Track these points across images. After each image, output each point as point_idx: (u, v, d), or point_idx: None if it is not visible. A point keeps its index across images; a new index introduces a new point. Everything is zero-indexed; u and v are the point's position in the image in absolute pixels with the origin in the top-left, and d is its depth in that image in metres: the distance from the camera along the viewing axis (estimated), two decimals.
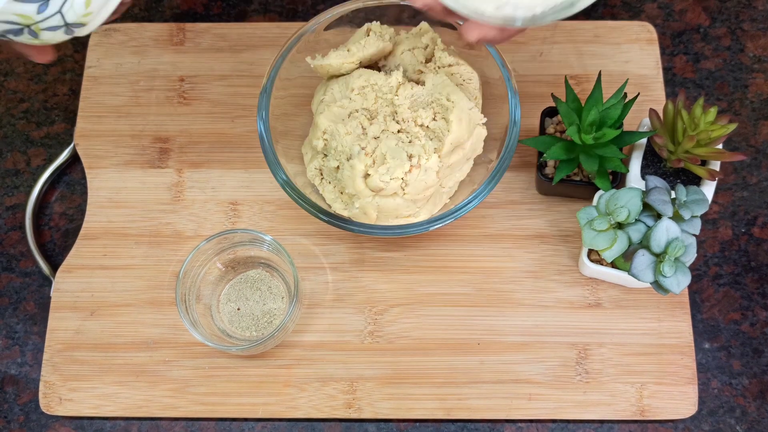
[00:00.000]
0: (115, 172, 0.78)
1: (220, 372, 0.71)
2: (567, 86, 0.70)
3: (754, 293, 0.74)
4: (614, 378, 0.70)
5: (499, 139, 0.70)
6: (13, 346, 0.74)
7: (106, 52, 0.82)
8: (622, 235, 0.64)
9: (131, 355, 0.72)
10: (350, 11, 0.71)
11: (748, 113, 0.80)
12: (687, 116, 0.67)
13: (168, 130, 0.79)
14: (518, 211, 0.76)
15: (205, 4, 0.86)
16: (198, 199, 0.77)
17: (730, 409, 0.71)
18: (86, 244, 0.75)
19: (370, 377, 0.71)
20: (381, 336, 0.72)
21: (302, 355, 0.72)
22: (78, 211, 0.78)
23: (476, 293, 0.73)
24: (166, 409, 0.70)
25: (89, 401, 0.71)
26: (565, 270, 0.74)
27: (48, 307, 0.74)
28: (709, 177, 0.68)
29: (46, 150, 0.81)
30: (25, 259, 0.77)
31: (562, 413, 0.70)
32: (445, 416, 0.70)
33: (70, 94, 0.83)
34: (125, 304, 0.73)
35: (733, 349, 0.73)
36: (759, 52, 0.82)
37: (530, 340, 0.72)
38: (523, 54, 0.81)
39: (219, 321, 0.72)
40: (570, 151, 0.69)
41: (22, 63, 0.84)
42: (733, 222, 0.76)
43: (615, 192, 0.65)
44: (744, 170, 0.78)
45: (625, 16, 0.84)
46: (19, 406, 0.72)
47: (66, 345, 0.72)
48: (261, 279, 0.73)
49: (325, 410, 0.70)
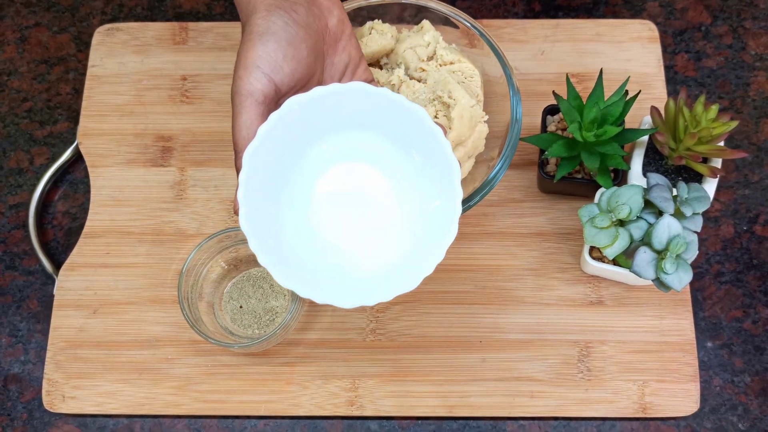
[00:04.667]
0: (117, 171, 0.78)
1: (223, 370, 0.71)
2: (568, 84, 0.70)
3: (756, 291, 0.74)
4: (616, 375, 0.70)
5: (501, 136, 0.70)
6: (17, 344, 0.74)
7: (108, 52, 0.82)
8: (624, 232, 0.64)
9: (134, 352, 0.72)
10: (352, 9, 0.71)
11: (749, 111, 0.80)
12: (688, 113, 0.67)
13: (171, 129, 0.79)
14: (520, 208, 0.76)
15: (207, 3, 0.86)
16: (200, 197, 0.77)
17: (732, 407, 0.71)
18: (89, 243, 0.76)
19: (373, 375, 0.71)
20: (383, 333, 0.72)
21: (304, 352, 0.72)
22: (81, 210, 0.79)
23: (478, 291, 0.73)
24: (169, 406, 0.71)
25: (92, 399, 0.71)
26: (566, 267, 0.74)
27: (51, 305, 0.74)
28: (710, 174, 0.68)
29: (50, 149, 0.81)
30: (29, 257, 0.77)
31: (564, 411, 0.70)
32: (447, 414, 0.70)
33: (73, 93, 0.83)
34: (128, 302, 0.74)
35: (735, 347, 0.73)
36: (761, 50, 0.82)
37: (532, 337, 0.72)
38: (525, 52, 0.81)
39: (221, 319, 0.72)
40: (571, 148, 0.69)
41: (25, 62, 0.84)
42: (734, 220, 0.76)
43: (616, 189, 0.65)
44: (746, 168, 0.78)
45: (626, 14, 0.84)
46: (22, 404, 0.72)
47: (69, 343, 0.73)
48: (263, 277, 0.73)
49: (328, 408, 0.70)
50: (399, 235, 0.56)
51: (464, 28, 0.71)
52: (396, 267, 0.55)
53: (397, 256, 0.55)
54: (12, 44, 0.85)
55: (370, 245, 0.56)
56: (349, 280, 0.55)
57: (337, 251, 0.56)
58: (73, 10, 0.86)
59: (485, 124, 0.69)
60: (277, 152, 0.53)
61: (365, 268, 0.55)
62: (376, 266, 0.55)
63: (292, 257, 0.54)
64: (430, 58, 0.72)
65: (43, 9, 0.86)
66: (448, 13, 0.71)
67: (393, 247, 0.56)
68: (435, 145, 0.53)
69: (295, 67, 0.54)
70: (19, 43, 0.85)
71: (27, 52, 0.85)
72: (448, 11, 0.71)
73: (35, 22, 0.86)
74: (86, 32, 0.85)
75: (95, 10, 0.86)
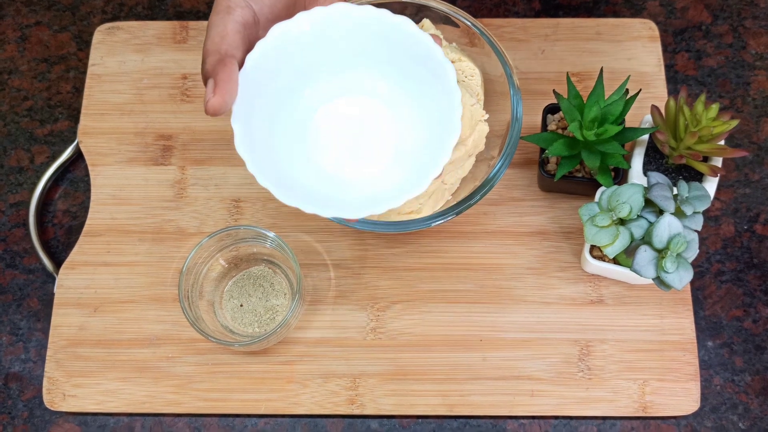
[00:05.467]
0: (118, 170, 0.78)
1: (223, 368, 0.71)
2: (569, 83, 0.70)
3: (757, 290, 0.74)
4: (616, 374, 0.70)
5: (501, 135, 0.70)
6: (17, 342, 0.74)
7: (109, 50, 0.82)
8: (624, 231, 0.64)
9: (134, 351, 0.72)
10: None
11: (750, 110, 0.80)
12: (689, 112, 0.67)
13: (171, 128, 0.79)
14: (520, 207, 0.76)
15: (208, 2, 0.86)
16: (201, 196, 0.77)
17: (732, 406, 0.71)
18: (89, 241, 0.76)
19: (373, 373, 0.71)
20: (383, 332, 0.72)
21: (305, 351, 0.72)
22: (81, 208, 0.79)
23: (478, 290, 0.73)
24: (170, 405, 0.71)
25: (93, 397, 0.71)
26: (567, 266, 0.74)
27: (51, 304, 0.74)
28: (711, 173, 0.68)
29: (50, 147, 0.81)
30: (29, 255, 0.77)
31: (564, 410, 0.70)
32: (447, 412, 0.70)
33: (73, 92, 0.83)
34: (128, 301, 0.74)
35: (735, 346, 0.73)
36: (761, 50, 0.82)
37: (532, 336, 0.72)
38: (525, 51, 0.81)
39: (222, 317, 0.72)
40: (572, 147, 0.69)
41: (26, 61, 0.84)
42: (735, 219, 0.76)
43: (617, 188, 0.65)
44: (746, 167, 0.78)
45: (627, 13, 0.84)
46: (23, 402, 0.72)
47: (69, 341, 0.73)
48: (264, 275, 0.73)
49: (328, 406, 0.70)
50: (401, 158, 0.56)
51: (465, 27, 0.71)
52: (401, 181, 0.55)
53: (400, 178, 0.55)
54: (12, 43, 0.85)
55: (373, 172, 0.56)
56: (355, 200, 0.54)
57: (338, 180, 0.55)
58: (73, 8, 0.86)
59: (485, 123, 0.69)
60: (270, 81, 0.53)
61: (369, 191, 0.55)
62: (380, 188, 0.55)
63: (292, 184, 0.54)
64: None
65: (44, 8, 0.86)
66: (448, 12, 0.71)
67: (396, 171, 0.55)
68: (426, 53, 0.54)
69: (275, 0, 0.53)
70: (20, 41, 0.85)
71: (27, 51, 0.85)
72: (448, 10, 0.71)
73: (36, 21, 0.86)
74: (87, 31, 0.85)
75: (96, 9, 0.86)
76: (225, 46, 0.51)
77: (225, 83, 0.49)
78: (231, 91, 0.50)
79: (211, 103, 0.49)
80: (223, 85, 0.49)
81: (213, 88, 0.49)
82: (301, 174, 0.55)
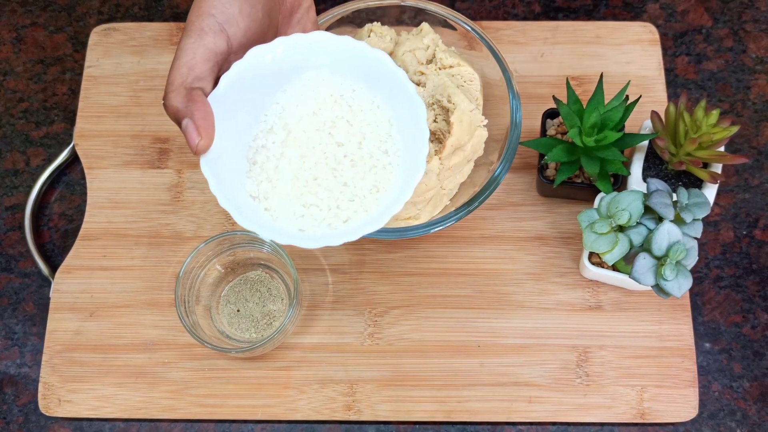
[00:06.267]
0: (114, 173, 0.78)
1: (220, 374, 0.71)
2: (568, 88, 0.69)
3: (756, 296, 0.74)
4: (615, 381, 0.70)
5: (500, 140, 0.69)
6: (12, 346, 0.74)
7: (105, 52, 0.82)
8: (623, 238, 0.64)
9: (130, 356, 0.72)
10: (351, 12, 0.71)
11: (750, 115, 0.80)
12: (689, 118, 0.66)
13: (168, 131, 0.79)
14: (519, 212, 0.75)
15: None
16: (198, 199, 0.77)
17: (730, 412, 0.71)
18: (85, 245, 0.75)
19: (370, 379, 0.71)
20: (381, 338, 0.72)
21: (302, 357, 0.71)
22: (77, 212, 0.78)
23: (476, 295, 0.73)
24: (166, 410, 0.70)
25: (88, 402, 0.71)
26: (565, 272, 0.73)
27: (47, 308, 0.74)
28: (710, 180, 0.67)
29: (46, 150, 0.80)
30: (25, 259, 0.77)
31: (562, 416, 0.69)
32: (444, 419, 0.70)
33: (69, 94, 0.82)
34: (125, 305, 0.73)
35: (734, 352, 0.72)
36: (762, 54, 0.82)
37: (530, 342, 0.71)
38: (525, 55, 0.80)
39: (218, 323, 0.72)
40: (571, 153, 0.69)
41: (21, 62, 0.83)
42: (734, 224, 0.76)
43: (616, 195, 0.65)
44: (746, 172, 0.78)
45: (626, 16, 0.84)
46: (18, 408, 0.72)
47: (65, 346, 0.72)
48: (261, 280, 0.73)
49: (325, 412, 0.70)
50: (369, 190, 0.56)
51: (463, 31, 0.70)
52: (366, 218, 0.55)
53: (367, 211, 0.55)
54: (8, 44, 0.84)
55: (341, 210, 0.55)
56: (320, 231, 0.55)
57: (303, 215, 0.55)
58: (69, 9, 0.86)
59: (484, 129, 0.69)
60: (236, 108, 0.54)
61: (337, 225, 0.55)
62: (347, 223, 0.55)
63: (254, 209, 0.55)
64: (429, 61, 0.71)
65: (40, 8, 0.86)
66: (446, 15, 0.71)
67: (364, 204, 0.55)
68: (399, 88, 0.54)
69: (250, 24, 0.53)
70: (15, 42, 0.84)
71: (23, 52, 0.84)
72: (446, 13, 0.71)
73: (31, 22, 0.85)
74: (83, 32, 0.84)
75: (92, 10, 0.85)
76: (191, 79, 0.51)
77: (203, 121, 0.50)
78: (211, 128, 0.51)
79: (200, 146, 0.51)
80: (203, 124, 0.50)
81: (195, 130, 0.50)
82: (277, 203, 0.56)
